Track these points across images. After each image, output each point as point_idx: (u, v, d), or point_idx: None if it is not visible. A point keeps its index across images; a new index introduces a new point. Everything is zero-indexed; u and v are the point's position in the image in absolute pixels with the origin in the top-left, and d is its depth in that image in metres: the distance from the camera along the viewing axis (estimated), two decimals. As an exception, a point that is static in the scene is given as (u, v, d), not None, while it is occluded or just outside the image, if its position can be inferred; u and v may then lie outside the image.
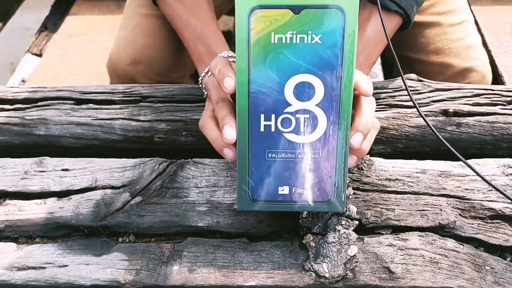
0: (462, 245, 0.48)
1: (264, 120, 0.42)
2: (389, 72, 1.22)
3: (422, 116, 0.49)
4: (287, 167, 0.44)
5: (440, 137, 0.49)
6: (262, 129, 0.43)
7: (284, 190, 0.45)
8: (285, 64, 0.41)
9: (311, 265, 0.46)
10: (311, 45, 0.40)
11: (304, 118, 0.42)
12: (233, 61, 0.54)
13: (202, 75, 0.60)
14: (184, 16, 0.64)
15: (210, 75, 0.57)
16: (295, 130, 0.43)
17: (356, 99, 0.46)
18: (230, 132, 0.43)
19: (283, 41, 0.40)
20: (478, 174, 0.49)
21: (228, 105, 0.47)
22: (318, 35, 0.40)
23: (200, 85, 0.61)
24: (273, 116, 0.42)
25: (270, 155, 0.43)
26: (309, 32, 0.40)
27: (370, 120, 0.45)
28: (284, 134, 0.43)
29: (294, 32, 0.40)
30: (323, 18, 0.39)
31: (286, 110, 0.42)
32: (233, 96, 0.45)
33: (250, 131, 0.43)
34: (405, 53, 0.81)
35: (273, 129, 0.43)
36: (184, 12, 0.65)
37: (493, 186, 0.49)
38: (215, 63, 0.47)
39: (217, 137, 0.48)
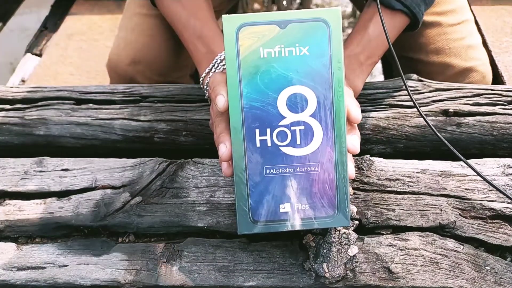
0: (462, 245, 0.48)
1: (260, 135, 0.42)
2: (390, 72, 1.22)
3: (422, 117, 0.49)
4: (287, 183, 0.43)
5: (441, 137, 0.49)
6: (258, 144, 0.42)
7: (285, 208, 0.43)
8: (276, 77, 0.41)
9: (311, 265, 0.46)
10: (299, 57, 0.41)
11: (300, 130, 0.42)
12: None
13: (203, 75, 0.60)
14: (183, 17, 0.64)
15: (211, 76, 0.57)
16: (291, 143, 0.42)
17: None
18: (224, 150, 0.43)
19: (272, 55, 0.41)
20: (479, 174, 0.49)
21: (226, 120, 0.46)
22: (305, 47, 0.41)
23: (201, 86, 0.61)
24: (268, 130, 0.42)
25: (268, 171, 0.43)
26: (297, 44, 0.41)
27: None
28: (280, 148, 0.42)
29: (282, 45, 0.41)
30: (309, 31, 0.41)
31: (281, 123, 0.42)
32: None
33: (246, 147, 0.42)
34: (406, 53, 0.81)
35: (269, 144, 0.42)
36: (183, 12, 0.64)
37: (494, 186, 0.49)
38: (211, 80, 0.47)
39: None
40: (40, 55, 1.35)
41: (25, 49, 1.37)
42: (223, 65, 0.57)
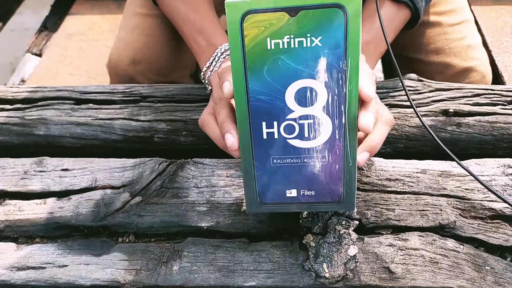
0: (462, 245, 0.48)
1: (266, 128, 0.41)
2: (390, 72, 1.22)
3: (418, 116, 0.48)
4: (293, 172, 0.42)
5: (436, 137, 0.49)
6: (265, 136, 0.41)
7: (292, 193, 0.43)
8: (284, 71, 0.38)
9: (311, 265, 0.46)
10: (311, 48, 0.37)
11: (308, 123, 0.40)
12: None
13: (203, 69, 0.59)
14: (183, 12, 0.64)
15: (213, 70, 0.57)
16: (299, 136, 0.41)
17: None
18: (232, 140, 0.43)
19: (281, 47, 0.37)
20: (473, 176, 0.49)
21: (228, 105, 0.46)
22: (318, 38, 0.37)
23: (202, 80, 0.60)
24: (275, 123, 0.40)
25: (275, 161, 0.42)
26: (308, 35, 0.37)
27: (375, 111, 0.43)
28: (288, 140, 0.41)
29: (292, 36, 0.37)
30: (323, 19, 0.36)
31: (288, 117, 0.40)
32: None
33: (252, 138, 0.41)
34: (406, 53, 0.81)
35: (276, 136, 0.41)
36: (183, 7, 0.64)
37: (488, 188, 0.49)
38: (220, 67, 0.47)
39: (218, 135, 0.48)
40: (40, 55, 1.35)
41: (25, 49, 1.37)
42: (224, 57, 0.57)
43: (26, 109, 0.67)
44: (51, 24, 1.45)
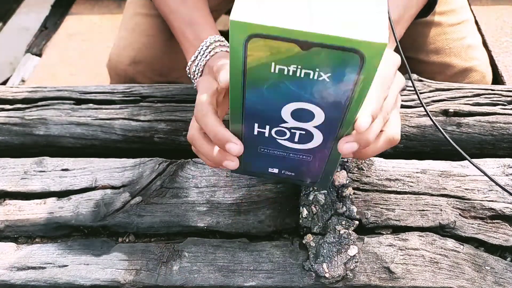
0: (462, 245, 0.48)
1: (258, 128, 0.41)
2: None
3: (429, 116, 0.48)
4: (278, 159, 0.45)
5: (446, 135, 0.49)
6: (255, 133, 0.41)
7: (274, 170, 0.47)
8: (284, 92, 0.36)
9: (311, 265, 0.46)
10: (317, 81, 0.34)
11: (300, 133, 0.40)
12: (220, 45, 0.56)
13: (189, 63, 0.59)
14: (174, 7, 0.64)
15: (198, 64, 0.56)
16: (289, 139, 0.41)
17: None
18: (237, 148, 0.41)
19: (285, 73, 0.34)
20: (482, 171, 0.49)
21: (210, 111, 0.44)
22: (326, 74, 0.33)
23: (188, 75, 0.60)
24: (267, 126, 0.40)
25: (262, 150, 0.44)
26: (317, 69, 0.33)
27: (379, 104, 0.40)
28: (277, 140, 0.42)
29: (299, 67, 0.33)
30: (337, 60, 0.32)
31: (281, 125, 0.40)
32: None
33: (242, 132, 0.41)
34: (406, 53, 0.81)
35: (266, 135, 0.41)
36: (174, 2, 0.64)
37: (497, 184, 0.49)
38: (217, 60, 0.47)
39: (210, 153, 0.44)
40: (40, 55, 1.35)
41: (25, 49, 1.37)
42: (210, 52, 0.56)
43: (26, 109, 0.67)
44: (51, 24, 1.45)
